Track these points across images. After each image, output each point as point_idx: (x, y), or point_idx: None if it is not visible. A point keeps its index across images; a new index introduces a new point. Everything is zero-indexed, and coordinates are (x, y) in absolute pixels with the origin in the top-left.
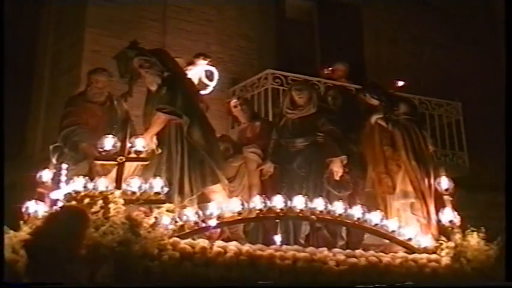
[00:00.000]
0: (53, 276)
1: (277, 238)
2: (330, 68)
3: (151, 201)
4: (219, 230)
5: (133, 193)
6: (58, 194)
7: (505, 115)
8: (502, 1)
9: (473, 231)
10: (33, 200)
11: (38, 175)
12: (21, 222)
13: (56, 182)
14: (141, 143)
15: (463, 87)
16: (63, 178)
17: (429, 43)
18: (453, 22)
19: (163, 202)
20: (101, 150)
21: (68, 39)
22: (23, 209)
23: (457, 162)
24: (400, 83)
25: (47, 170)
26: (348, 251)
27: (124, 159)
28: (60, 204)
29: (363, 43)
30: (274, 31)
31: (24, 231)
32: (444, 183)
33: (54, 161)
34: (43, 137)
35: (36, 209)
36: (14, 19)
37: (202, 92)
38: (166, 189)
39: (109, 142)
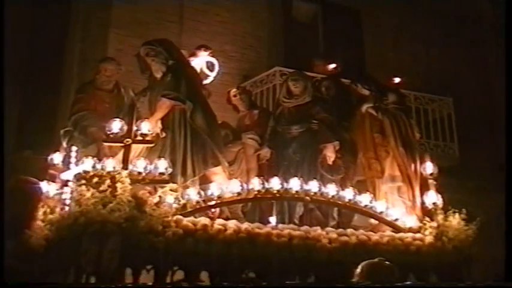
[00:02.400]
0: None
1: (273, 219)
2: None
3: (155, 181)
4: (219, 209)
5: (139, 173)
6: (68, 175)
7: (505, 115)
8: (488, 4)
9: (454, 212)
10: (45, 181)
11: (49, 157)
12: None
13: (66, 164)
14: (147, 127)
15: (454, 84)
16: (73, 160)
17: (423, 44)
18: (445, 24)
19: (167, 182)
20: (108, 133)
21: (94, 37)
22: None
23: (448, 153)
24: (397, 80)
25: (57, 152)
26: (340, 230)
27: (130, 142)
28: (70, 184)
29: (363, 43)
30: (282, 32)
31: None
32: (429, 168)
33: (64, 144)
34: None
35: (48, 189)
36: (45, 16)
37: (204, 82)
38: (170, 170)
39: (116, 125)
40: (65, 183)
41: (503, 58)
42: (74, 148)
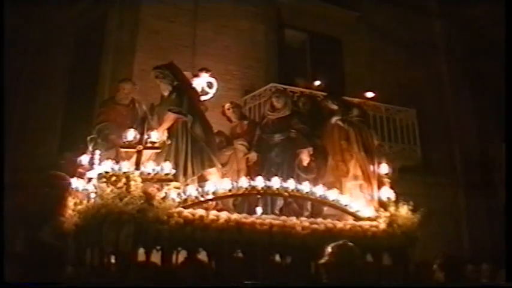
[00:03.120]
0: None
1: (258, 210)
2: (317, 83)
3: (162, 180)
4: (214, 202)
5: (149, 174)
6: (93, 173)
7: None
8: (441, 31)
9: (404, 204)
10: (75, 178)
11: (78, 159)
12: (66, 194)
13: (90, 164)
14: (155, 136)
15: (416, 97)
16: (96, 161)
17: (392, 65)
18: (407, 49)
19: (171, 181)
20: (124, 140)
21: (123, 60)
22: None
23: (412, 154)
24: (371, 94)
25: (84, 155)
26: (311, 219)
27: (142, 148)
28: (94, 181)
29: (343, 65)
30: (276, 55)
31: (69, 201)
32: (384, 168)
33: (90, 148)
34: None
35: (77, 184)
36: (83, 44)
37: (204, 97)
38: (173, 171)
39: (131, 134)
40: (89, 180)
41: (455, 76)
42: (98, 152)
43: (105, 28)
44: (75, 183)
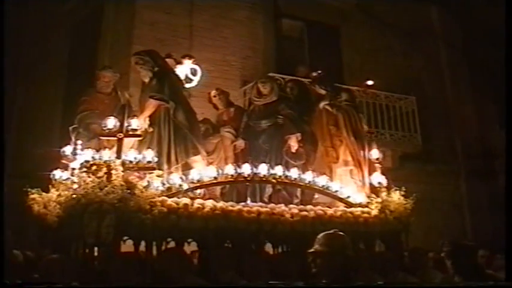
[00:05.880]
0: None
1: (248, 198)
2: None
3: (144, 169)
4: (202, 192)
5: (130, 162)
6: (75, 164)
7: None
8: (439, 20)
9: (396, 190)
10: (59, 169)
11: (61, 150)
12: (50, 186)
13: (73, 155)
14: (136, 123)
15: (416, 85)
16: (78, 152)
17: (391, 53)
18: (406, 38)
19: (154, 169)
20: (104, 128)
21: (120, 53)
22: (51, 176)
23: (413, 142)
24: (370, 82)
25: (68, 145)
26: (301, 206)
27: (122, 136)
28: (76, 171)
29: (341, 53)
30: (274, 45)
31: (52, 193)
32: (375, 154)
33: (73, 138)
34: None
35: (61, 175)
36: (80, 37)
37: (188, 85)
38: (156, 159)
39: (111, 122)
40: (73, 171)
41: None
42: (79, 142)
43: (101, 20)
44: (59, 174)
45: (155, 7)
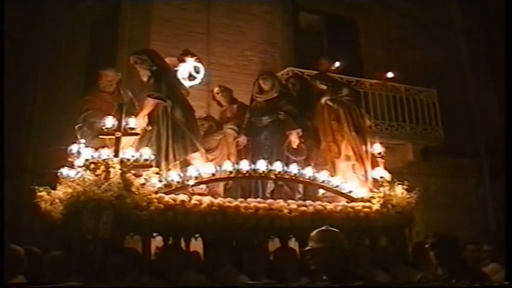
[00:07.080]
0: None
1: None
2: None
3: (141, 166)
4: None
5: (128, 160)
6: (79, 162)
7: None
8: (459, 13)
9: (398, 184)
10: (66, 167)
11: (68, 148)
12: (57, 183)
13: (78, 153)
14: (133, 122)
15: (437, 77)
16: (82, 150)
17: (410, 45)
18: (424, 28)
19: (151, 167)
20: (103, 127)
21: (138, 49)
22: (58, 174)
23: (434, 135)
24: (390, 75)
25: (74, 144)
26: (300, 201)
27: (120, 134)
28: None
29: (359, 46)
30: (292, 38)
31: (59, 190)
32: (377, 148)
33: (78, 137)
34: None
35: (68, 173)
36: (99, 35)
37: (191, 83)
38: (153, 157)
39: (109, 121)
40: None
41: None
42: (82, 140)
43: (119, 17)
44: (65, 172)
45: (172, 3)
